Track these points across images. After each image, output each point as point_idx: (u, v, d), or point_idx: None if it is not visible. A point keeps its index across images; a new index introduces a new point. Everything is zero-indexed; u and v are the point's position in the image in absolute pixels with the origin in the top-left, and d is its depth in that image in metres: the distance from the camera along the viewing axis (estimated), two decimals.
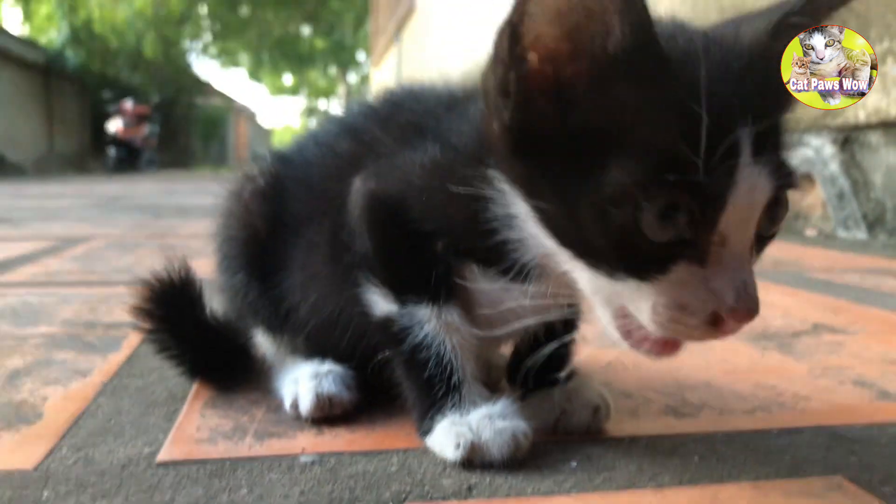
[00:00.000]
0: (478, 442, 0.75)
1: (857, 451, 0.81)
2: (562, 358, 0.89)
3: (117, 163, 14.75)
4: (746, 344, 1.29)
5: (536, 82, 0.62)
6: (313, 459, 0.79)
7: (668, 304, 0.61)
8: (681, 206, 0.58)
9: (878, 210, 2.93)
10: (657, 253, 0.60)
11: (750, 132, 0.58)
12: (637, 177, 0.58)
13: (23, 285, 1.92)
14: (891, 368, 1.14)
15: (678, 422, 0.90)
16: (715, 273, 0.60)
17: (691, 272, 0.60)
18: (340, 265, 0.86)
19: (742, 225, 0.60)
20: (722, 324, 0.61)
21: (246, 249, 0.97)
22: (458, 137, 0.77)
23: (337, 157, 0.90)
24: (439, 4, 9.14)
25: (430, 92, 0.88)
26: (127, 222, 3.85)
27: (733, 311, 0.60)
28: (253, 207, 0.97)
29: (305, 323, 0.93)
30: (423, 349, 0.79)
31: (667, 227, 0.58)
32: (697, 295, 0.60)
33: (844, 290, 1.83)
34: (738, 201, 0.58)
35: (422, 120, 0.83)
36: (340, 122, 0.94)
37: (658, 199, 0.58)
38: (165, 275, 1.01)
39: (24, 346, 1.27)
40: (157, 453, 0.80)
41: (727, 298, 0.60)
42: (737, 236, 0.60)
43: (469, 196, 0.73)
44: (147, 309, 1.00)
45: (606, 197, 0.59)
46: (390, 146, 0.84)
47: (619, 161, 0.59)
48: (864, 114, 2.88)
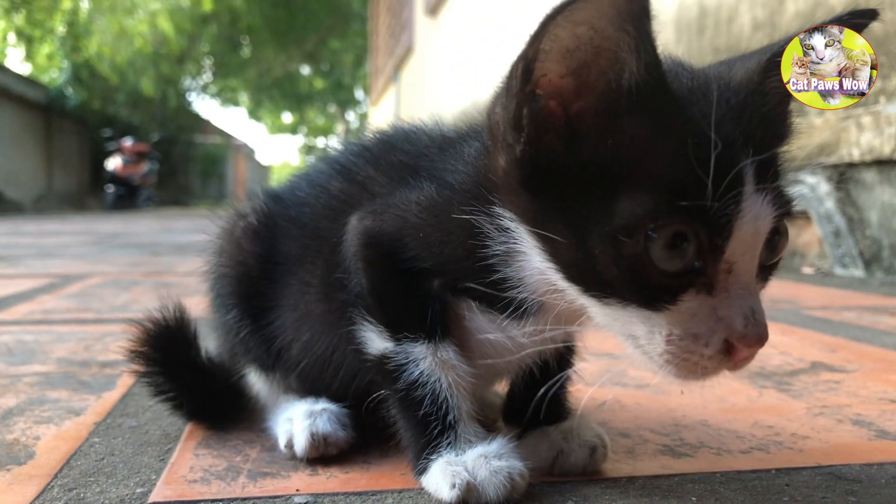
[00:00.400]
0: (473, 482, 0.74)
1: (856, 490, 0.81)
2: (558, 397, 0.89)
3: (116, 200, 14.79)
4: (744, 383, 1.28)
5: (547, 117, 0.64)
6: (307, 500, 0.78)
7: (681, 335, 0.62)
8: (689, 235, 0.60)
9: (874, 248, 2.94)
10: (667, 282, 0.61)
11: (752, 163, 0.60)
12: (647, 207, 0.60)
13: (18, 323, 1.91)
14: (889, 407, 1.13)
15: (675, 461, 0.89)
16: (723, 301, 0.61)
17: (700, 301, 0.62)
18: (333, 304, 0.86)
19: (748, 252, 0.62)
20: (735, 351, 0.62)
21: (238, 287, 0.97)
22: (454, 176, 0.78)
23: (330, 197, 0.90)
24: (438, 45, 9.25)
25: (421, 132, 0.89)
26: (124, 260, 3.85)
27: (743, 338, 0.61)
28: (245, 245, 0.97)
29: (298, 362, 0.93)
30: (419, 387, 0.78)
31: (676, 255, 0.60)
32: (708, 324, 0.62)
33: (842, 328, 1.82)
34: (744, 228, 0.60)
35: (414, 160, 0.84)
36: (333, 162, 0.94)
37: (667, 228, 0.59)
38: (160, 316, 1.01)
39: (18, 384, 1.26)
40: (149, 494, 0.79)
41: (737, 325, 0.61)
42: (743, 264, 0.62)
43: (466, 233, 0.74)
44: (142, 351, 0.99)
45: (617, 227, 0.61)
46: (383, 185, 0.84)
47: (628, 193, 0.61)
48: (859, 152, 2.90)
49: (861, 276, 2.95)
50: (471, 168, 0.77)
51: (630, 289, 0.62)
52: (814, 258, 3.25)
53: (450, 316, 0.80)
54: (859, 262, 2.98)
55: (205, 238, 1.03)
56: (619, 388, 1.22)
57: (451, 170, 0.79)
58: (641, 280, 0.61)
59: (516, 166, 0.66)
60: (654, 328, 0.63)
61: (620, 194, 0.61)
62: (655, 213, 0.59)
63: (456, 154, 0.80)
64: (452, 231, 0.76)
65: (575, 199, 0.64)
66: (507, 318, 0.76)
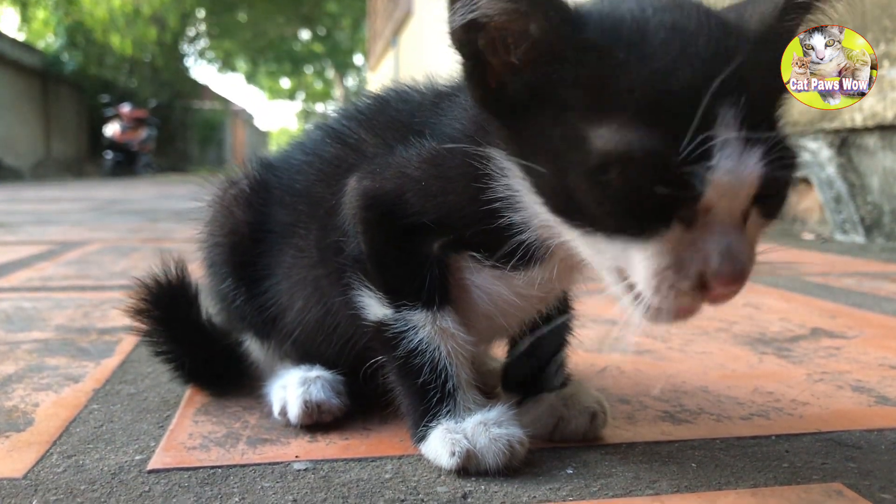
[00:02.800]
0: (473, 450, 0.74)
1: (856, 457, 0.81)
2: (557, 364, 0.89)
3: (114, 167, 14.70)
4: (744, 349, 1.28)
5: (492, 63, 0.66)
6: (306, 466, 0.78)
7: (664, 265, 0.61)
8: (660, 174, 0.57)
9: (875, 213, 2.93)
10: (646, 212, 0.60)
11: (738, 107, 0.58)
12: (618, 146, 0.58)
13: (17, 290, 1.91)
14: (889, 373, 1.13)
15: (675, 428, 0.89)
16: (702, 236, 0.60)
17: (681, 232, 0.60)
18: (327, 269, 0.86)
19: (727, 196, 0.59)
20: (708, 289, 0.61)
21: (232, 256, 0.96)
22: (452, 124, 0.78)
23: (323, 162, 0.89)
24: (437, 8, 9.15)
25: (414, 91, 0.88)
26: (123, 226, 3.84)
27: (718, 275, 0.60)
28: (237, 213, 0.96)
29: (292, 330, 0.93)
30: (418, 355, 0.78)
31: (650, 192, 0.58)
32: (685, 255, 0.60)
33: (842, 295, 1.82)
34: (722, 171, 0.57)
35: (409, 118, 0.83)
36: (325, 128, 0.93)
37: (636, 167, 0.58)
38: (163, 276, 1.01)
39: (17, 351, 1.26)
40: (148, 460, 0.79)
41: (712, 261, 0.59)
42: (723, 206, 0.59)
43: (468, 178, 0.73)
44: (144, 309, 0.99)
45: (593, 166, 0.59)
46: (377, 146, 0.83)
47: (599, 127, 0.60)
48: (861, 117, 2.88)
49: (862, 242, 2.95)
50: (468, 114, 0.76)
51: (611, 220, 0.61)
52: (814, 224, 3.24)
53: (450, 281, 0.80)
54: (860, 228, 2.97)
55: (197, 205, 1.03)
56: (619, 355, 1.22)
57: (447, 120, 0.79)
58: (622, 211, 0.60)
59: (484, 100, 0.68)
60: (639, 259, 0.62)
61: (589, 134, 0.60)
62: (628, 153, 0.58)
63: (451, 105, 0.80)
64: (454, 178, 0.75)
65: (548, 131, 0.64)
66: (510, 268, 0.76)
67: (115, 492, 0.72)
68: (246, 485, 0.73)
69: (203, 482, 0.74)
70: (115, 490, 0.72)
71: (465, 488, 0.73)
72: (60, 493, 0.72)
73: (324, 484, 0.74)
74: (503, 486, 0.73)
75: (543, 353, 0.89)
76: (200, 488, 0.73)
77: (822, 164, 3.12)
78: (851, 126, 2.95)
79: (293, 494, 0.71)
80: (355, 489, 0.72)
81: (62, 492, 0.72)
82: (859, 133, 2.97)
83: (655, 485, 0.73)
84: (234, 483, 0.74)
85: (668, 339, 1.34)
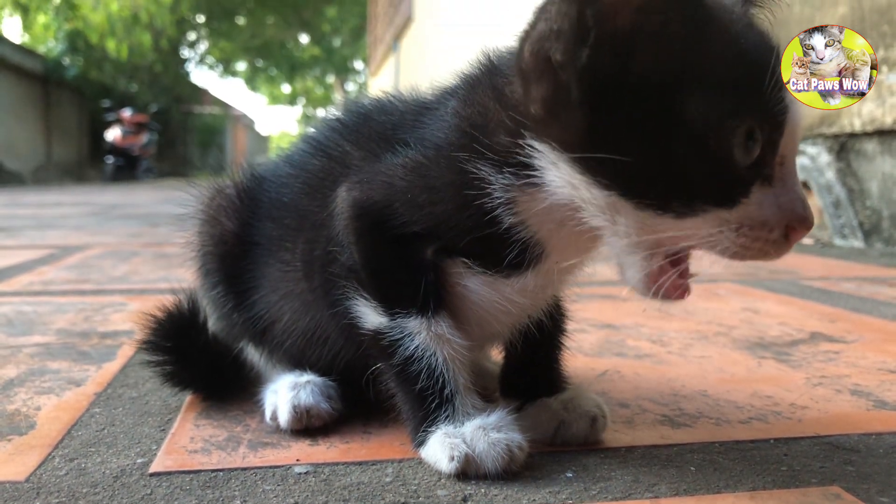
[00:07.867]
0: (472, 454, 0.75)
1: (855, 460, 0.81)
2: (555, 368, 0.89)
3: (115, 171, 14.69)
4: (743, 353, 1.28)
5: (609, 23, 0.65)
6: (307, 470, 0.78)
7: (752, 224, 0.67)
8: (756, 131, 0.65)
9: (874, 218, 2.93)
10: (742, 175, 0.66)
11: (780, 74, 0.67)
12: (724, 108, 0.64)
13: (18, 294, 1.91)
14: (888, 377, 1.14)
15: (674, 432, 0.90)
16: (781, 190, 0.67)
17: (764, 193, 0.67)
18: (314, 283, 0.86)
19: (792, 145, 0.68)
20: (793, 233, 0.67)
21: (221, 265, 0.97)
22: (438, 134, 0.78)
23: (308, 175, 0.90)
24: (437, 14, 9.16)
25: (396, 101, 0.88)
26: (123, 231, 3.85)
27: (803, 220, 0.67)
28: (224, 222, 0.97)
29: (283, 340, 0.94)
30: (415, 362, 0.79)
31: (749, 150, 0.65)
32: (773, 212, 0.67)
33: (841, 299, 1.83)
34: (791, 124, 0.67)
35: (392, 129, 0.83)
36: (310, 140, 0.93)
37: (743, 126, 0.64)
38: (172, 307, 1.01)
39: (18, 355, 1.26)
40: (150, 464, 0.80)
41: (798, 210, 0.67)
42: (791, 156, 0.68)
43: (457, 187, 0.74)
44: (154, 342, 0.99)
45: (696, 133, 0.64)
46: (360, 159, 0.84)
47: (699, 99, 0.64)
48: (860, 122, 2.89)
49: (861, 246, 2.95)
50: (457, 122, 0.77)
51: (708, 189, 0.66)
52: (813, 229, 3.25)
53: (444, 285, 0.80)
54: (859, 233, 2.98)
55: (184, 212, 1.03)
56: (618, 359, 1.22)
57: (433, 130, 0.79)
58: (721, 178, 0.65)
59: (575, 84, 0.65)
60: (723, 225, 0.66)
61: (689, 102, 0.64)
62: (733, 112, 0.64)
63: (436, 115, 0.81)
64: (441, 188, 0.76)
65: (637, 112, 0.65)
66: (502, 275, 0.77)
67: (117, 495, 0.72)
68: (247, 488, 0.74)
69: (205, 485, 0.74)
70: (117, 493, 0.73)
71: (465, 491, 0.73)
72: (62, 496, 0.72)
73: (325, 487, 0.74)
74: (503, 490, 0.73)
75: (540, 358, 0.90)
76: (202, 491, 0.73)
77: (821, 169, 3.12)
78: (850, 131, 2.96)
79: (294, 497, 0.72)
80: (356, 492, 0.73)
81: (64, 495, 0.72)
82: (858, 138, 2.97)
83: (655, 488, 0.74)
84: (236, 486, 0.74)
85: (668, 343, 1.34)
